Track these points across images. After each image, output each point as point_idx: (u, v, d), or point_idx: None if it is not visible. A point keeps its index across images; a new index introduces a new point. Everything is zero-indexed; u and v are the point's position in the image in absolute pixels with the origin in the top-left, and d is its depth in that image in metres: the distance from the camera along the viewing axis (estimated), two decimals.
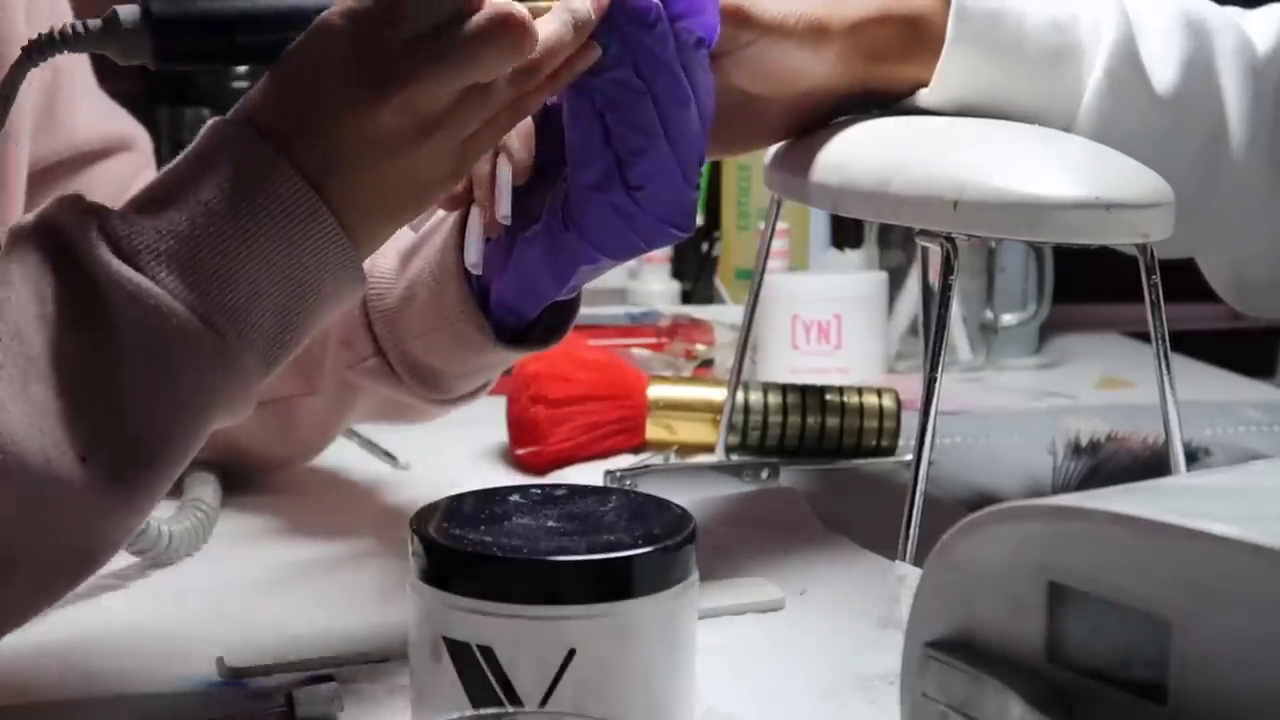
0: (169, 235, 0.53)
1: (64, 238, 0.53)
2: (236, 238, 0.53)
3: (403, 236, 0.73)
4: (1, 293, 0.53)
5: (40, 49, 0.56)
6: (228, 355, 0.53)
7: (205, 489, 0.76)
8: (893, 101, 0.70)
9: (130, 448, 0.52)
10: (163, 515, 0.70)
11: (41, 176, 0.77)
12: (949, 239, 0.63)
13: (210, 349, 0.53)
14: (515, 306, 0.68)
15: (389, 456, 0.88)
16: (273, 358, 0.55)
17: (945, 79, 0.67)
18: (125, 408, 0.52)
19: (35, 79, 0.62)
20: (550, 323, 0.70)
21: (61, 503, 0.51)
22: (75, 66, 0.82)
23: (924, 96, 0.68)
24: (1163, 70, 0.70)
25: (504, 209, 0.64)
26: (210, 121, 0.56)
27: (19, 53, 0.57)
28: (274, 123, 0.54)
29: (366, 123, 0.54)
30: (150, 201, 0.54)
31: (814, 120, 0.70)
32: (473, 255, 0.65)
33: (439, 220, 0.72)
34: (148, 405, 0.53)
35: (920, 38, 0.68)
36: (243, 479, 0.84)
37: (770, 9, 0.65)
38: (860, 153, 0.66)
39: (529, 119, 0.63)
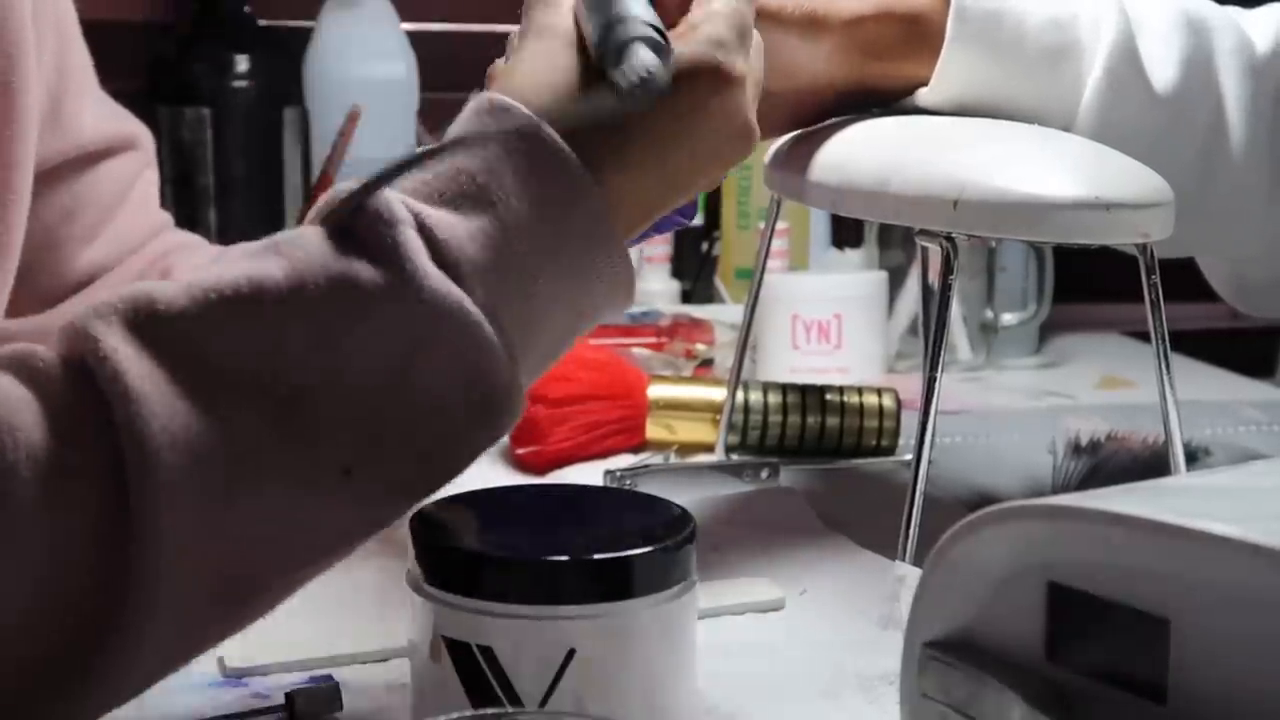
0: (485, 244, 0.48)
1: (368, 233, 0.47)
2: (542, 256, 0.49)
3: None
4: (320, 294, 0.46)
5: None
6: (516, 388, 0.48)
7: None
8: (892, 100, 0.70)
9: (404, 465, 0.48)
10: None
11: (47, 177, 0.77)
12: (949, 239, 0.63)
13: (508, 376, 0.48)
14: None
15: None
16: (533, 379, 0.51)
17: (945, 77, 0.67)
18: (406, 420, 0.47)
19: (41, 81, 0.62)
20: None
21: (342, 531, 0.49)
22: (78, 68, 0.82)
23: (923, 95, 0.68)
24: (1162, 69, 0.70)
25: None
26: (493, 102, 0.50)
27: (20, 54, 0.56)
28: (563, 120, 0.50)
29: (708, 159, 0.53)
30: (457, 194, 0.48)
31: (813, 117, 0.70)
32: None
33: None
34: (432, 422, 0.47)
35: (920, 35, 0.68)
36: None
37: None
38: (860, 152, 0.66)
39: None
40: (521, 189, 0.49)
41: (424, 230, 0.47)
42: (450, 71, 0.64)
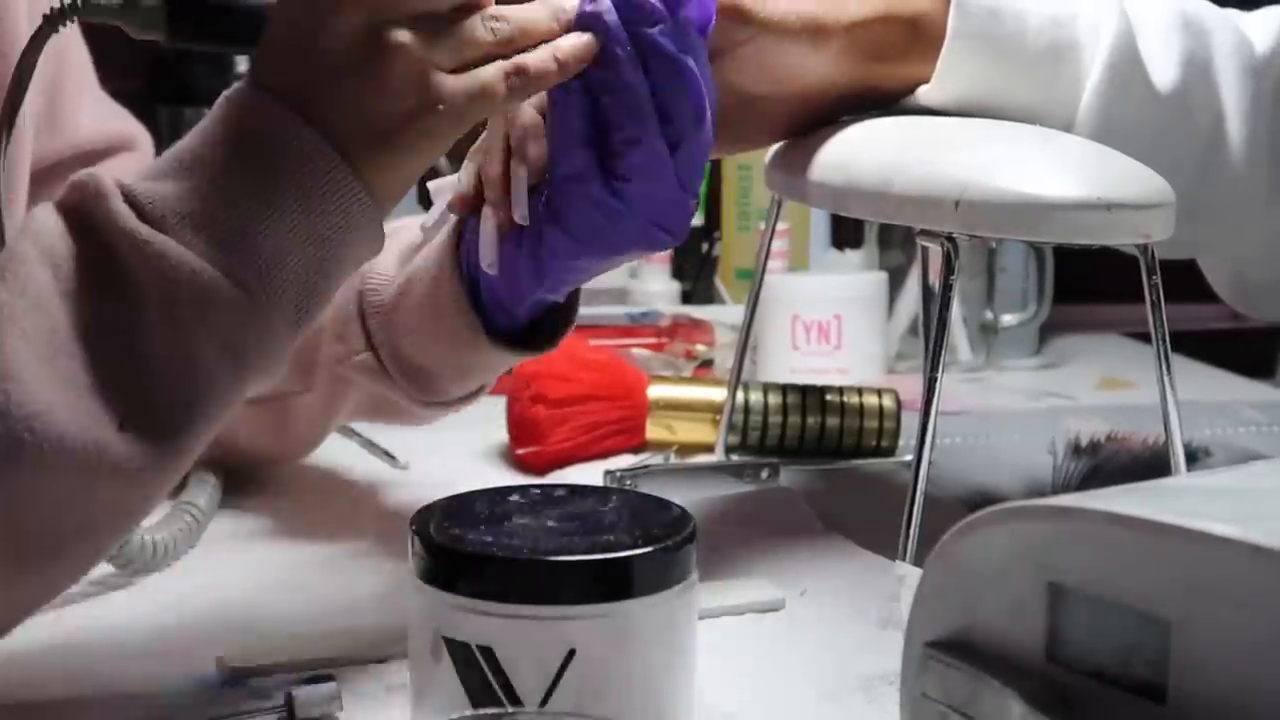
0: (192, 198, 0.53)
1: (83, 208, 0.53)
2: (258, 196, 0.53)
3: (404, 236, 0.73)
4: (21, 269, 0.52)
5: (62, 15, 0.57)
6: (257, 313, 0.54)
7: (202, 491, 0.76)
8: (893, 100, 0.70)
9: (165, 412, 0.53)
10: (152, 519, 0.70)
11: (43, 176, 0.77)
12: (950, 239, 0.63)
13: (239, 307, 0.53)
14: (505, 304, 0.68)
15: (389, 456, 0.88)
16: (300, 317, 0.55)
17: (945, 76, 0.67)
18: (157, 372, 0.52)
19: (38, 80, 0.62)
20: (549, 328, 0.70)
21: (106, 473, 0.52)
22: (77, 67, 0.82)
23: (924, 94, 0.68)
24: (1162, 69, 0.70)
25: (521, 210, 0.63)
26: (224, 93, 0.56)
27: (18, 54, 0.57)
28: (276, 78, 0.55)
29: (331, 37, 0.54)
30: (170, 169, 0.54)
31: (815, 120, 0.70)
32: (487, 255, 0.65)
33: (440, 220, 0.71)
34: (180, 368, 0.53)
35: (920, 36, 0.68)
36: (243, 479, 0.84)
37: (768, 6, 0.65)
38: (861, 152, 0.66)
39: (540, 119, 0.63)
40: (225, 138, 0.54)
41: (129, 198, 0.53)
42: None
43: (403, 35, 0.54)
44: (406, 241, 0.73)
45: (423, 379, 0.73)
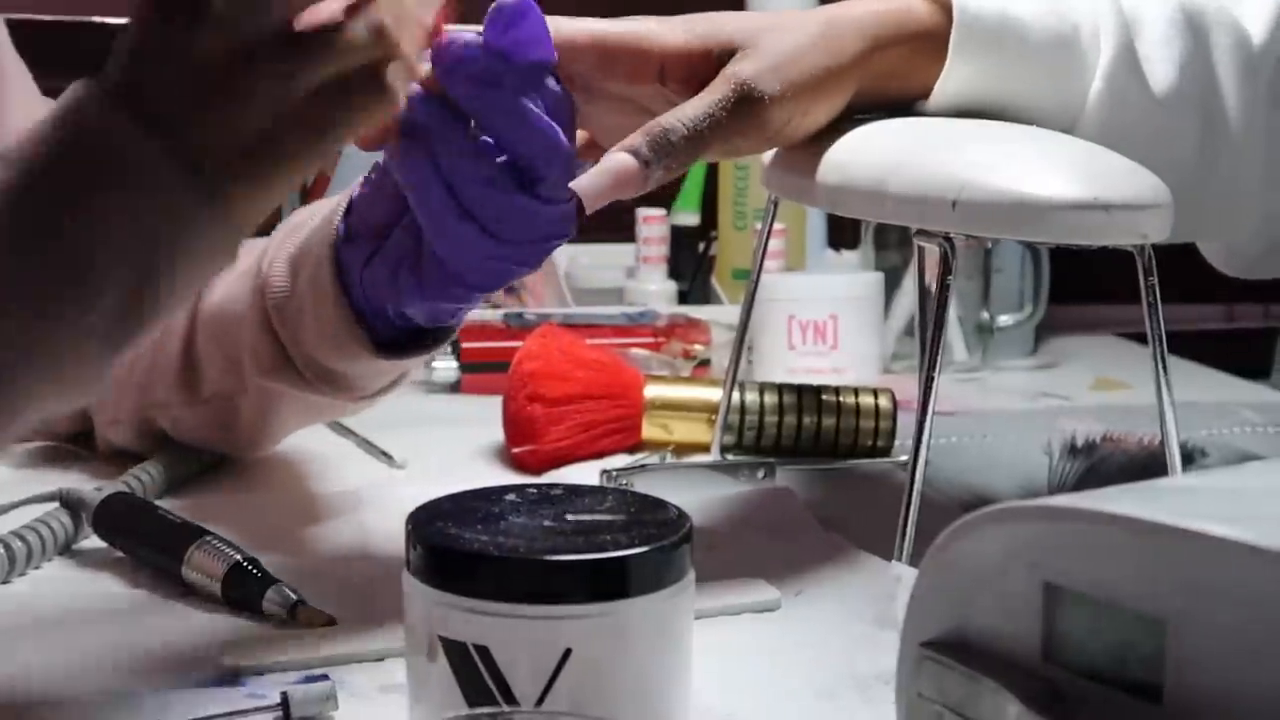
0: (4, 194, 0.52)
1: None
2: (63, 187, 0.52)
3: (294, 243, 0.75)
4: None
5: None
6: (60, 335, 0.52)
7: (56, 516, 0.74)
8: (895, 106, 0.69)
9: None
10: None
11: None
12: (947, 239, 0.63)
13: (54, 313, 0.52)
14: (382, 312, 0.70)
15: (385, 456, 0.88)
16: (119, 330, 0.54)
17: (946, 92, 0.67)
18: None
19: None
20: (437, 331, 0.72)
21: None
22: (15, 74, 0.82)
23: (924, 107, 0.68)
24: (1161, 72, 0.70)
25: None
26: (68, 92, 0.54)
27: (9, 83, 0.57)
28: (129, 89, 0.53)
29: (192, 53, 0.52)
30: None
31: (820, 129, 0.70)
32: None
33: (321, 227, 0.72)
34: None
35: (926, 49, 0.67)
36: (239, 478, 0.84)
37: (776, 83, 0.64)
38: (859, 152, 0.66)
39: None
40: (39, 136, 0.52)
41: None
42: None
43: (264, 53, 0.53)
44: (295, 245, 0.75)
45: (339, 379, 0.75)
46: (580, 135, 0.67)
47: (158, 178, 0.52)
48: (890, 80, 0.68)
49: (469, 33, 0.61)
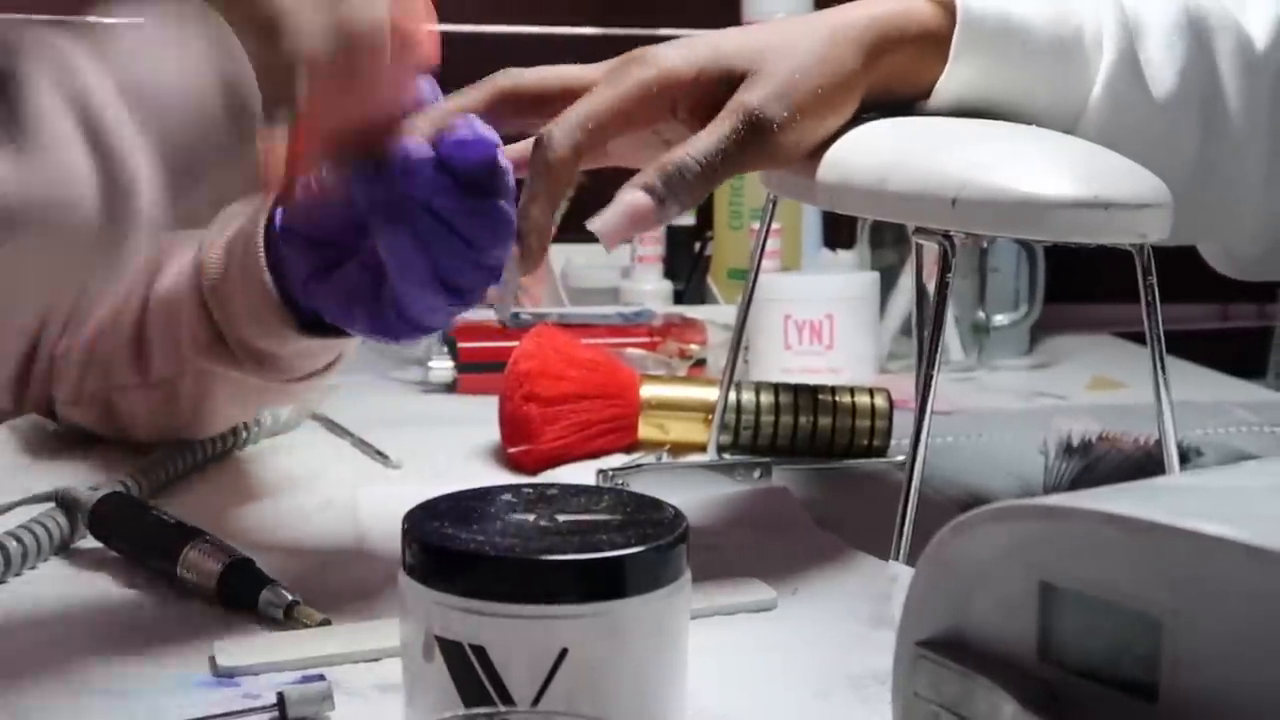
0: None
1: None
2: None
3: (232, 228, 0.76)
4: None
5: None
6: None
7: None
8: (897, 104, 0.69)
9: None
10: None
11: None
12: (947, 237, 0.63)
13: None
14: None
15: (381, 455, 0.88)
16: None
17: (947, 93, 0.67)
18: None
19: None
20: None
21: None
22: None
23: (924, 108, 0.68)
24: (1162, 77, 0.70)
25: (506, 311, 0.65)
26: None
27: None
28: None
29: None
30: None
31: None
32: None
33: (255, 211, 0.74)
34: None
35: (928, 51, 0.67)
36: (236, 478, 0.84)
37: (784, 111, 0.64)
38: (859, 151, 0.66)
39: None
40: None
41: None
42: (442, 72, 0.64)
43: None
44: (236, 227, 0.76)
45: (269, 360, 0.77)
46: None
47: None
48: (894, 81, 0.68)
49: (421, 143, 0.62)
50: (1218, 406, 1.05)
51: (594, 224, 0.61)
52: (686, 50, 0.65)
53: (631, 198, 0.61)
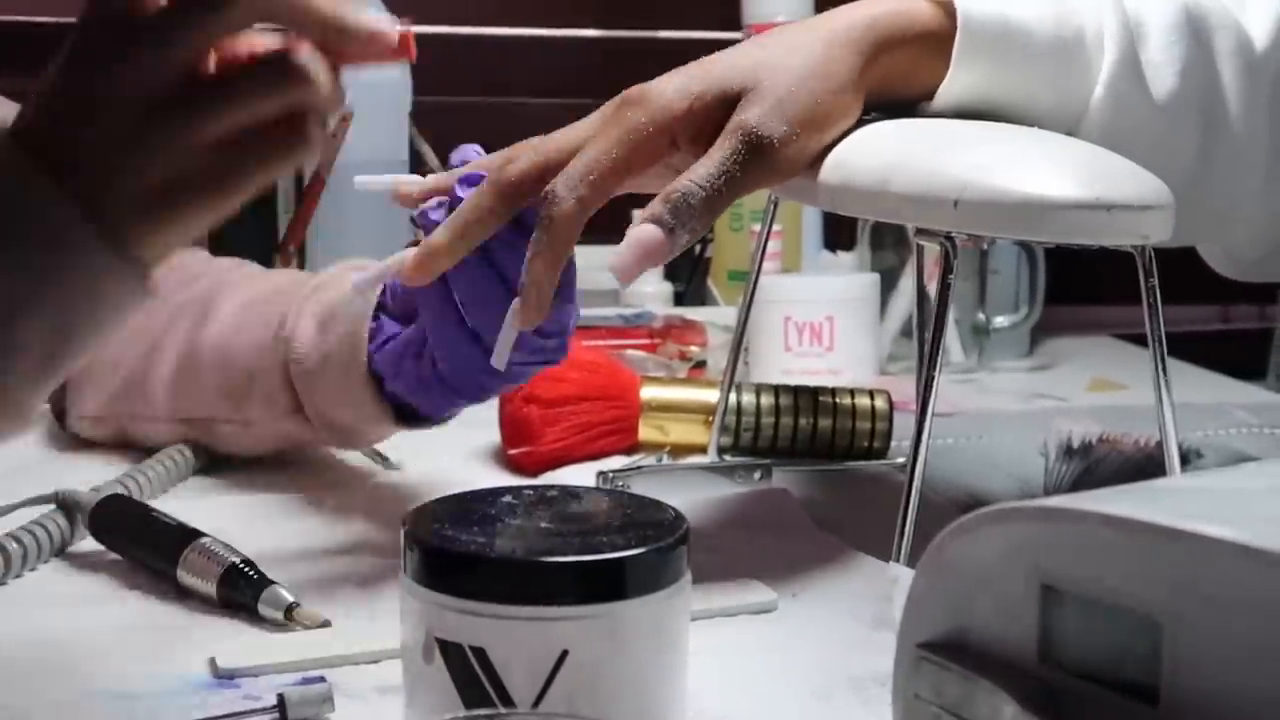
0: None
1: None
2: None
3: (325, 296, 0.79)
4: None
5: None
6: None
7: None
8: (901, 105, 0.69)
9: None
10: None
11: None
12: (949, 238, 0.63)
13: None
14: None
15: (381, 457, 0.88)
16: (30, 383, 0.52)
17: (949, 95, 0.67)
18: None
19: None
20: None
21: None
22: None
23: (926, 109, 0.68)
24: (1163, 79, 0.70)
25: (502, 360, 0.66)
26: None
27: None
28: (36, 137, 0.51)
29: (102, 102, 0.50)
30: None
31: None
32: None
33: (353, 301, 0.77)
34: None
35: (928, 52, 0.67)
36: (234, 477, 0.84)
37: (782, 127, 0.63)
38: (861, 152, 0.66)
39: None
40: None
41: None
42: (443, 74, 0.64)
43: (170, 100, 0.50)
44: (323, 306, 0.79)
45: (346, 434, 0.81)
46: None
47: (59, 224, 0.50)
48: (895, 81, 0.67)
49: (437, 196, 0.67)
50: (1218, 408, 1.05)
51: (610, 263, 0.62)
52: (680, 80, 0.64)
53: (641, 232, 0.62)
